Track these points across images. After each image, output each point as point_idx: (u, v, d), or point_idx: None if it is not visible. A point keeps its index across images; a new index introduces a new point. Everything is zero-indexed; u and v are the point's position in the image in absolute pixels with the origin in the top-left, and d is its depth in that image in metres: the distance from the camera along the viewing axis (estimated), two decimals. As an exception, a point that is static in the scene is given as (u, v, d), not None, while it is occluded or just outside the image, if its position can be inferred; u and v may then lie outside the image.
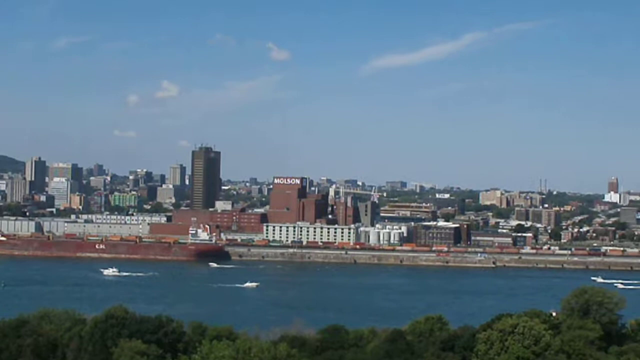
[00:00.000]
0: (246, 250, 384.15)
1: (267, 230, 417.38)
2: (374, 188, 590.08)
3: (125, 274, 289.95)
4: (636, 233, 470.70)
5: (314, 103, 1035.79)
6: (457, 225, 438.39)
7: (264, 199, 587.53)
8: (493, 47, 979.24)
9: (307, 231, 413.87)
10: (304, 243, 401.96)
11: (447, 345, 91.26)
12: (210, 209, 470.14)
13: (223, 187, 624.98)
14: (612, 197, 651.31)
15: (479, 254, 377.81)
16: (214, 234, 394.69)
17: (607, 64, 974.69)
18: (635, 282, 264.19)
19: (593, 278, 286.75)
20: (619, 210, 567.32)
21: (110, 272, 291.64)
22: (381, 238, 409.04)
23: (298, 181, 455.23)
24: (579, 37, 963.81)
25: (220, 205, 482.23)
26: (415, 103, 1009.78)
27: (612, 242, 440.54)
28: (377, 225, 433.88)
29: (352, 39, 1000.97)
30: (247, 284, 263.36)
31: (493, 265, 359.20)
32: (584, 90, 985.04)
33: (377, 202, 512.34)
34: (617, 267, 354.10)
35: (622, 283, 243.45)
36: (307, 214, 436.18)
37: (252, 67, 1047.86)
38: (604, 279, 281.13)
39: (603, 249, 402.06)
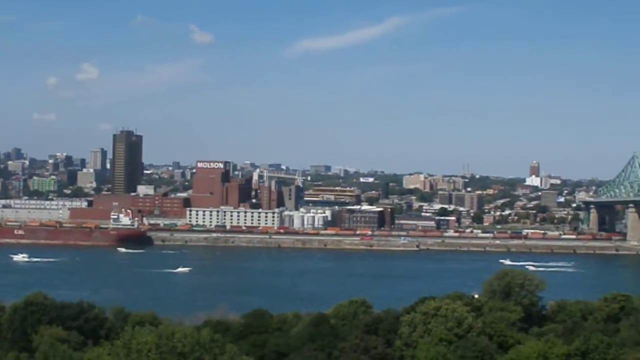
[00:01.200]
0: (169, 235, 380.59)
1: (190, 214, 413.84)
2: (298, 172, 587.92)
3: (35, 259, 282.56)
4: (556, 216, 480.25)
5: (238, 86, 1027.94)
6: (381, 209, 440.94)
7: (187, 184, 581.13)
8: (418, 31, 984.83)
9: (231, 215, 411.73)
10: (228, 227, 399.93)
11: (370, 328, 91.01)
12: (132, 194, 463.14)
13: (145, 172, 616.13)
14: (533, 180, 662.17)
15: (402, 238, 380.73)
16: (136, 218, 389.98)
17: (525, 48, 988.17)
18: (546, 264, 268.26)
19: (501, 261, 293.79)
20: (540, 193, 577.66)
21: (20, 257, 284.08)
22: (305, 222, 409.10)
23: (221, 165, 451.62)
24: (499, 21, 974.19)
25: (143, 189, 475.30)
26: (340, 86, 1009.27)
27: (533, 225, 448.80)
28: (301, 210, 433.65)
29: (277, 22, 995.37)
30: (180, 269, 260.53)
31: (417, 249, 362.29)
32: (506, 72, 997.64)
33: (301, 186, 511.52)
34: (538, 250, 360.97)
35: (533, 265, 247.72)
36: (230, 198, 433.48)
37: (175, 49, 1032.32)
38: (512, 261, 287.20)
39: (524, 232, 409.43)
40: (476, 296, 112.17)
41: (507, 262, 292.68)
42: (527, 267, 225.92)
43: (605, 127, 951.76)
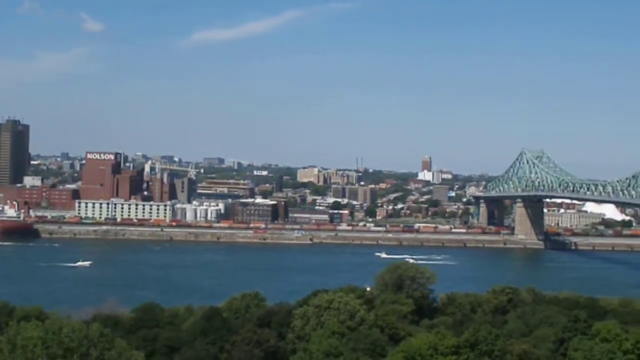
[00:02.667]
0: (57, 227, 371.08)
1: (79, 206, 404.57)
2: (190, 164, 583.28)
3: None
4: (447, 210, 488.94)
5: (130, 77, 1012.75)
6: (275, 202, 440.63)
7: (76, 175, 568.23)
8: (315, 24, 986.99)
9: (122, 208, 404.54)
10: (118, 220, 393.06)
11: (263, 321, 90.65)
12: (18, 185, 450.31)
13: (32, 162, 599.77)
14: (425, 175, 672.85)
15: (296, 231, 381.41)
16: (22, 210, 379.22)
17: (421, 45, 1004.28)
18: (424, 257, 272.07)
19: (377, 254, 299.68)
20: (431, 188, 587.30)
21: None
22: (198, 215, 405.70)
23: (112, 156, 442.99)
24: (397, 18, 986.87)
25: (29, 180, 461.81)
26: (235, 79, 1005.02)
27: (424, 219, 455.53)
28: (194, 202, 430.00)
29: (171, 13, 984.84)
30: (80, 263, 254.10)
31: (310, 242, 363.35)
32: (399, 70, 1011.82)
33: (194, 178, 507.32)
34: (430, 244, 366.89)
35: (412, 258, 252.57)
36: (121, 190, 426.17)
37: (64, 38, 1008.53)
38: (388, 254, 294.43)
39: (416, 225, 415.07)
40: (368, 289, 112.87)
41: (383, 255, 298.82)
42: (406, 260, 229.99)
43: (494, 124, 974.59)
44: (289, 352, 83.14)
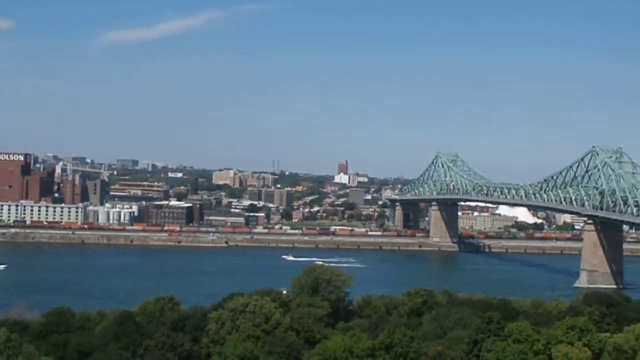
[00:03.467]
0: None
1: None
2: (103, 166, 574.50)
3: None
4: (364, 213, 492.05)
5: (40, 75, 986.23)
6: (190, 204, 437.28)
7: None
8: (230, 25, 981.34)
9: (32, 210, 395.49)
10: (28, 222, 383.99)
11: (177, 325, 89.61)
12: None
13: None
14: (341, 178, 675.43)
15: (211, 234, 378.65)
16: None
17: (337, 46, 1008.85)
18: (332, 259, 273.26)
19: (284, 256, 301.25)
20: (348, 191, 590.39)
21: None
22: (111, 217, 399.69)
23: (21, 157, 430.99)
24: (313, 19, 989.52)
25: None
26: (149, 79, 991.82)
27: (341, 222, 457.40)
28: (107, 205, 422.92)
29: (83, 12, 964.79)
30: None
31: (225, 245, 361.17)
32: (315, 72, 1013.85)
33: (106, 180, 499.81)
34: (345, 246, 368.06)
35: (323, 260, 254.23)
36: (31, 192, 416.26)
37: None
38: (295, 257, 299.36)
39: (332, 228, 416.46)
40: (284, 292, 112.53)
41: (290, 257, 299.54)
42: (316, 262, 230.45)
43: (410, 128, 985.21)
44: (204, 356, 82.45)
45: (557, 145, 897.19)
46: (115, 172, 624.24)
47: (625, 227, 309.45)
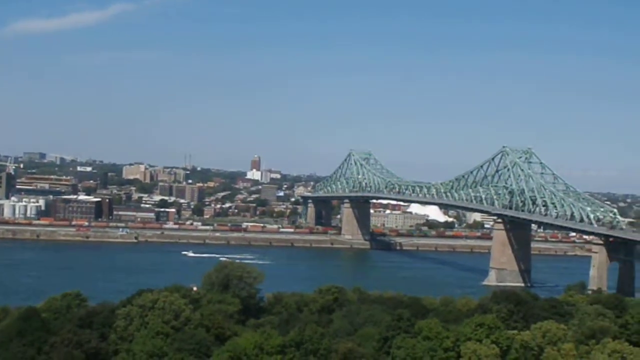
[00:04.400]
0: None
1: None
2: (9, 159, 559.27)
3: None
4: (276, 210, 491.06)
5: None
6: (99, 199, 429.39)
7: None
8: (142, 19, 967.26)
9: None
10: None
11: (84, 322, 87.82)
12: None
13: None
14: (254, 174, 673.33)
15: (120, 229, 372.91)
16: None
17: (250, 44, 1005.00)
18: (237, 256, 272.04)
19: (184, 252, 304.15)
20: (260, 187, 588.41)
21: None
22: (17, 211, 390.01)
23: None
24: (227, 16, 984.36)
25: None
26: (58, 71, 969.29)
27: (253, 219, 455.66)
28: (13, 198, 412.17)
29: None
30: None
31: (135, 241, 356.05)
32: (229, 68, 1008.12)
33: (13, 173, 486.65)
34: (257, 243, 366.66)
35: (226, 257, 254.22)
36: None
37: None
38: (195, 253, 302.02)
39: (244, 225, 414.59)
40: (195, 288, 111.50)
41: (190, 254, 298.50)
42: (220, 259, 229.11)
43: (324, 125, 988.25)
44: (111, 353, 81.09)
45: (469, 144, 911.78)
46: (21, 165, 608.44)
47: (534, 226, 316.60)
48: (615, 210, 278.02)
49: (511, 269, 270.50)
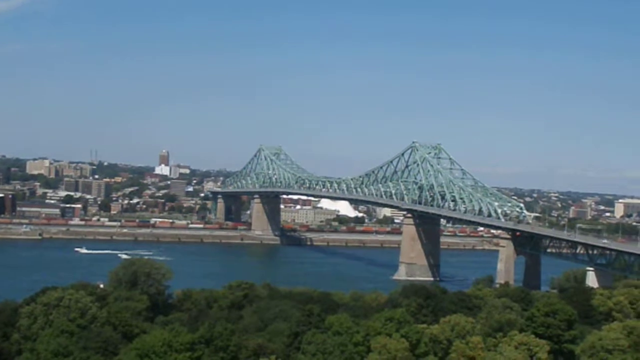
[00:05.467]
0: None
1: None
2: None
3: None
4: (185, 205, 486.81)
5: None
6: (2, 195, 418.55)
7: None
8: (44, 10, 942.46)
9: None
10: None
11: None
12: None
13: None
14: (162, 169, 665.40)
15: (24, 226, 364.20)
16: None
17: (157, 40, 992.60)
18: (130, 252, 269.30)
19: (77, 249, 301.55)
20: (169, 182, 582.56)
21: None
22: None
23: None
24: (129, 8, 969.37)
25: None
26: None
27: (161, 214, 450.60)
28: None
29: None
30: None
31: (39, 237, 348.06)
32: (135, 62, 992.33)
33: None
34: (166, 239, 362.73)
35: (126, 254, 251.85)
36: None
37: None
38: (88, 249, 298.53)
39: (152, 220, 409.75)
40: (102, 286, 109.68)
41: (83, 250, 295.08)
42: (119, 255, 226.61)
43: (232, 119, 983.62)
44: (14, 353, 79.13)
45: (379, 140, 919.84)
46: None
47: (443, 221, 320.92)
48: (522, 205, 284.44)
49: (421, 263, 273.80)
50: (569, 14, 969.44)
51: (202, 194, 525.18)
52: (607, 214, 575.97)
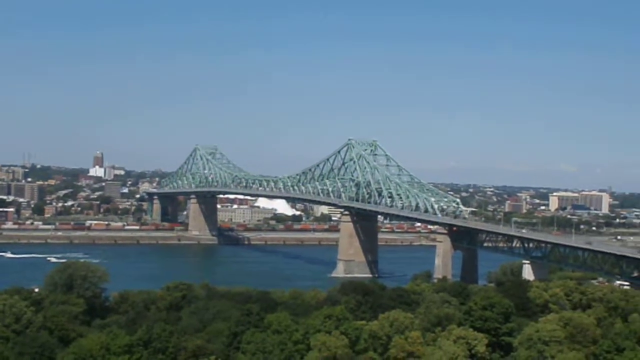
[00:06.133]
0: None
1: None
2: None
3: None
4: (120, 207, 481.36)
5: None
6: None
7: None
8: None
9: None
10: None
11: None
12: None
13: None
14: (97, 171, 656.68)
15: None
16: None
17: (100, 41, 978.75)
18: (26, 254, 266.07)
19: (1, 253, 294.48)
20: (104, 184, 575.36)
21: None
22: None
23: None
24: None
25: None
26: None
27: (97, 216, 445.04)
28: None
29: None
30: None
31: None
32: (69, 59, 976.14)
33: None
34: (102, 241, 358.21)
35: (55, 257, 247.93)
36: None
37: None
38: (13, 253, 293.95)
39: (88, 223, 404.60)
40: (37, 290, 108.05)
41: (8, 254, 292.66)
42: (48, 259, 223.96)
43: (167, 120, 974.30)
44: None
45: (316, 138, 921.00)
46: None
47: (380, 218, 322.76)
48: (458, 200, 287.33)
49: (359, 260, 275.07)
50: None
51: (138, 195, 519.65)
52: (542, 207, 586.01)
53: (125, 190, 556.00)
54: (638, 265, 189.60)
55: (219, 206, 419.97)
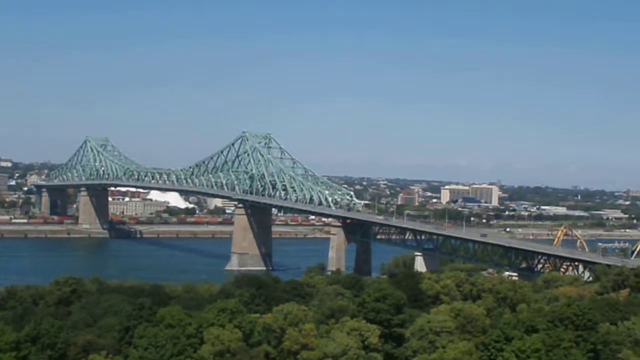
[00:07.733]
0: None
1: None
2: None
3: None
4: (8, 200, 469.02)
5: None
6: None
7: None
8: None
9: None
10: None
11: None
12: None
13: None
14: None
15: None
16: None
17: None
18: None
19: None
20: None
21: None
22: None
23: None
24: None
25: None
26: None
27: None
28: None
29: None
30: None
31: None
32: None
33: None
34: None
35: None
36: None
37: None
38: None
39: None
40: None
41: None
42: None
43: (55, 110, 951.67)
44: None
45: (208, 130, 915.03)
46: None
47: (274, 210, 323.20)
48: (352, 193, 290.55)
49: (253, 253, 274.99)
50: None
51: (26, 188, 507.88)
52: (434, 200, 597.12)
53: (13, 182, 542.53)
54: (526, 256, 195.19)
55: (110, 199, 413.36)
